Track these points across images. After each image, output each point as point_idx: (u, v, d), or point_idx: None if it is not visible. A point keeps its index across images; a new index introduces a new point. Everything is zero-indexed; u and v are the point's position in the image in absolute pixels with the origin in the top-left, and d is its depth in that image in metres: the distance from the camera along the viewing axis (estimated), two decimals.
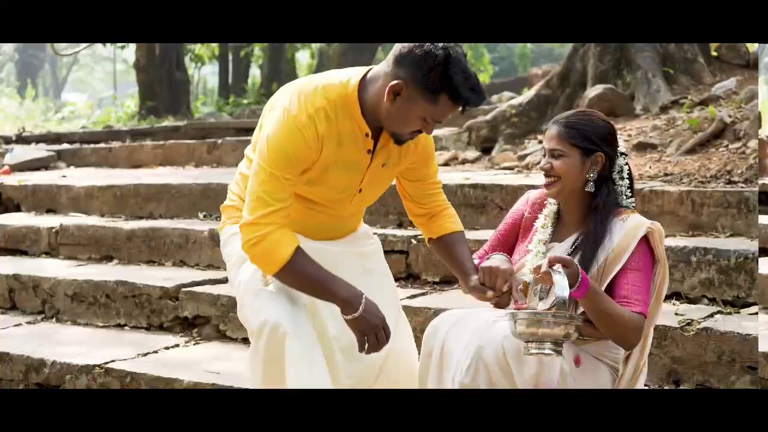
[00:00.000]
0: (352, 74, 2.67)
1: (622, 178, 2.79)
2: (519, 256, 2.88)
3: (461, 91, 2.53)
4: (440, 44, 2.54)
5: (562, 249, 2.77)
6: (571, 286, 2.52)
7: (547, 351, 2.45)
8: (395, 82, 2.55)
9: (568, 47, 7.43)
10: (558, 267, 2.51)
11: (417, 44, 2.56)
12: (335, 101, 2.62)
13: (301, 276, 2.62)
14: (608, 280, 2.67)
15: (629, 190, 2.80)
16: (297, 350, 2.63)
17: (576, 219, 2.81)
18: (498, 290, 2.69)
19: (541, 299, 2.64)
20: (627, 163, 2.81)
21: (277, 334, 2.63)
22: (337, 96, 2.63)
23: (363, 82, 2.64)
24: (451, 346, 2.65)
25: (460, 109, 2.60)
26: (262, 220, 2.59)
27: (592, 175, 2.74)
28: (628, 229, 2.69)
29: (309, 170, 2.66)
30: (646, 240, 2.69)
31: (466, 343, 2.62)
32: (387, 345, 2.68)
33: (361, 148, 2.69)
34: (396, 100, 2.56)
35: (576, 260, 2.64)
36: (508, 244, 2.94)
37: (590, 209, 2.75)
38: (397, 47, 2.59)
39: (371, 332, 2.62)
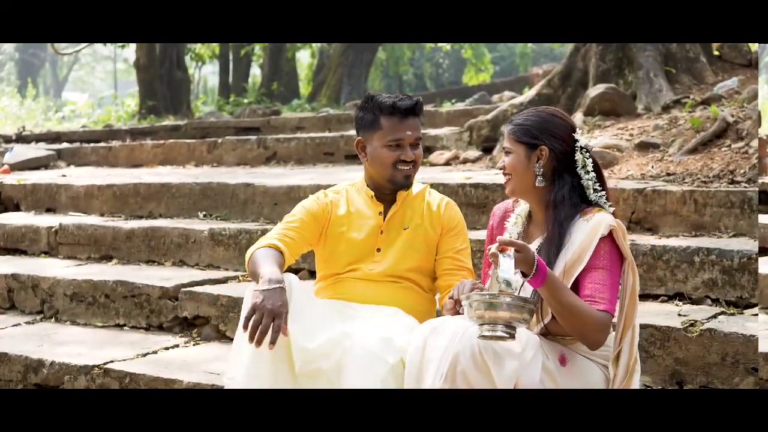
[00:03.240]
0: None
1: (588, 172, 2.77)
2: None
3: (389, 103, 3.06)
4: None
5: None
6: (526, 274, 2.51)
7: (499, 333, 2.41)
8: (356, 141, 3.17)
9: (568, 47, 7.39)
10: (510, 251, 2.49)
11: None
12: (349, 186, 3.27)
13: (252, 262, 2.96)
14: (572, 281, 2.64)
15: (598, 184, 2.77)
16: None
17: (542, 218, 2.80)
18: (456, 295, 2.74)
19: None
20: (591, 157, 2.79)
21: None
22: (351, 184, 3.28)
23: None
24: (430, 354, 2.60)
25: (402, 115, 3.04)
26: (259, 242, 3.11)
27: (539, 169, 2.74)
28: (589, 228, 2.67)
29: (328, 228, 3.17)
30: (611, 238, 2.67)
31: (444, 348, 2.56)
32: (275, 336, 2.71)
33: (373, 210, 3.18)
34: (366, 153, 3.14)
35: None
36: None
37: (548, 206, 2.75)
38: None
39: (258, 310, 2.70)
